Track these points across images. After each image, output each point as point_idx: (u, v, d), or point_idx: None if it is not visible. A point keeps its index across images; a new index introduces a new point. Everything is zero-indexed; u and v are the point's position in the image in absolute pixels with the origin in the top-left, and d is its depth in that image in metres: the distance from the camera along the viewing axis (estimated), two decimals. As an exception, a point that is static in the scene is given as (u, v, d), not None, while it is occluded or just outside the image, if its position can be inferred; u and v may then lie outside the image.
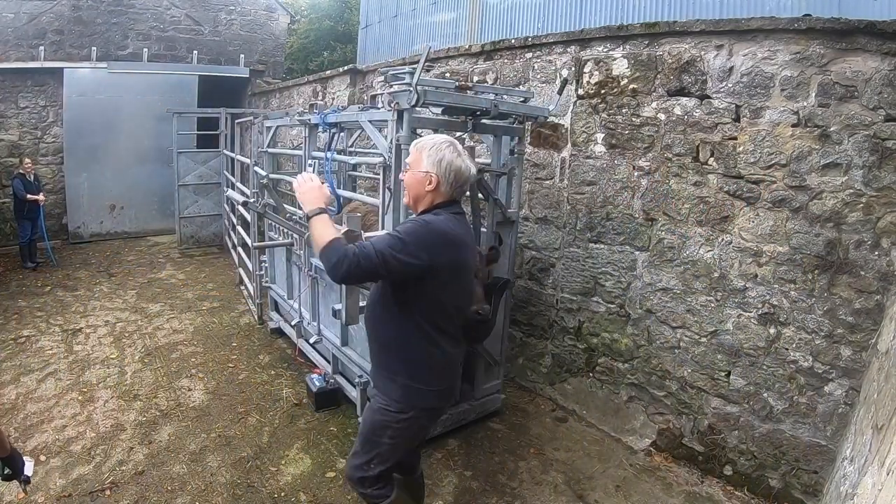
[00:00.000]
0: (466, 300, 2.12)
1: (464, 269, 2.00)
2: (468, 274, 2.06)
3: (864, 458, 1.95)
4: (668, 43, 3.33)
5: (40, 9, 8.96)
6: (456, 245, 1.92)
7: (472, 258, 2.06)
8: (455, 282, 1.96)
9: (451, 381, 2.11)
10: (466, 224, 2.08)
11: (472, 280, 2.14)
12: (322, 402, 3.71)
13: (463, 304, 2.08)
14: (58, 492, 2.80)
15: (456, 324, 2.06)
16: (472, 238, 2.15)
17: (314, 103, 7.51)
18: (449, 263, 1.89)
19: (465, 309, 2.11)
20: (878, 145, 2.60)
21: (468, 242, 2.03)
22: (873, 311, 2.66)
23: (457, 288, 1.99)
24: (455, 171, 1.92)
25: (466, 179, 1.97)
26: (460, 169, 1.93)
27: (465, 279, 2.05)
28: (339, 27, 14.02)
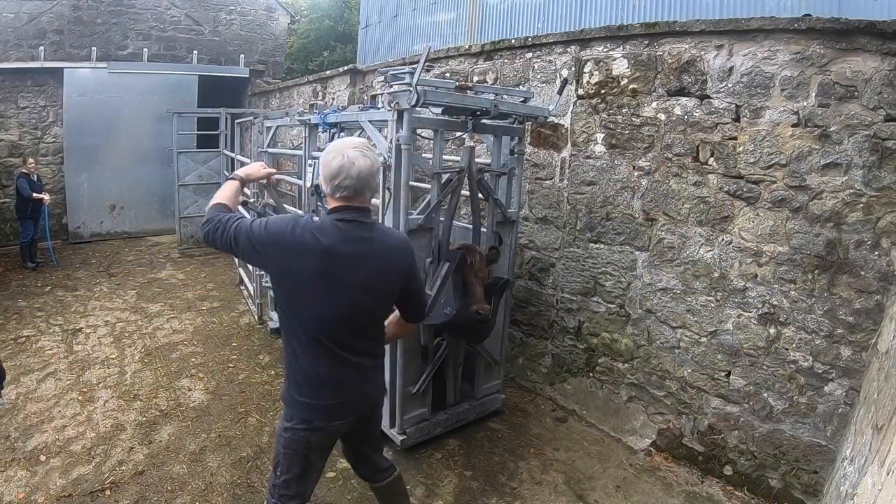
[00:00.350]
0: (331, 313, 1.80)
1: (307, 278, 1.76)
2: (318, 284, 1.76)
3: (864, 458, 1.95)
4: (668, 43, 3.33)
5: (40, 9, 8.96)
6: (292, 253, 1.74)
7: (321, 268, 1.75)
8: (304, 289, 1.78)
9: (324, 398, 1.87)
10: (347, 232, 1.78)
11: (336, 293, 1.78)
12: (322, 402, 3.71)
13: (328, 315, 1.80)
14: (58, 492, 2.80)
15: (326, 339, 1.82)
16: (347, 244, 1.78)
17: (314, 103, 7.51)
18: (283, 268, 1.78)
19: (334, 322, 1.81)
20: (878, 145, 2.60)
21: (313, 249, 1.74)
22: (873, 311, 2.66)
23: (310, 298, 1.78)
24: (331, 171, 1.75)
25: (346, 175, 1.73)
26: (331, 164, 1.75)
27: (318, 289, 1.77)
28: (339, 27, 14.02)
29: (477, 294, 3.00)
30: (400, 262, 1.94)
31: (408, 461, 3.18)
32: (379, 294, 1.90)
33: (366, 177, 1.77)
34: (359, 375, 1.95)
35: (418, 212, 3.01)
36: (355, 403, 1.97)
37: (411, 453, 3.26)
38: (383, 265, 1.88)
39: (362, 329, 1.91)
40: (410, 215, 2.93)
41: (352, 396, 1.93)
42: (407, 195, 2.88)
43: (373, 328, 1.97)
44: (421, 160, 3.03)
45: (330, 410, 1.91)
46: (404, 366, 3.11)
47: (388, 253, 1.90)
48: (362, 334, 1.92)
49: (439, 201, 3.02)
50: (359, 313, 1.86)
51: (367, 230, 1.84)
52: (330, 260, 1.76)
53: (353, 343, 1.89)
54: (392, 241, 1.96)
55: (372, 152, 1.83)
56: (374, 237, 1.87)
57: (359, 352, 1.92)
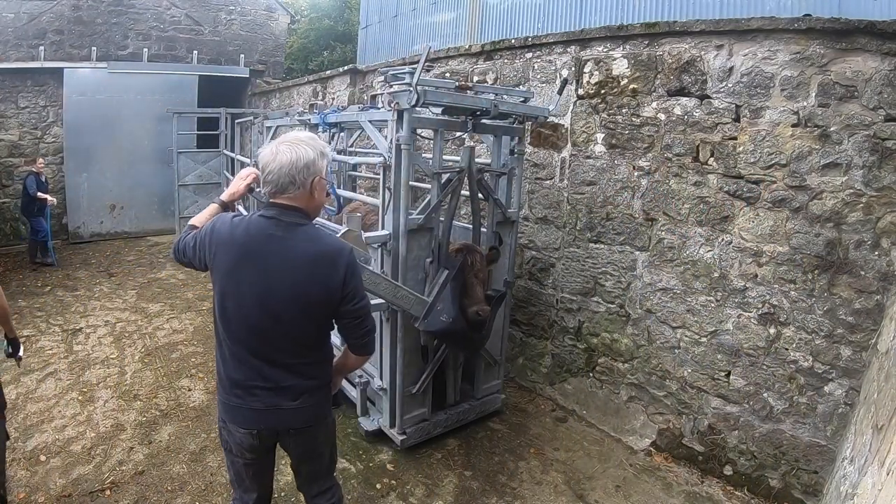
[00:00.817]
0: (238, 312, 1.72)
1: (221, 273, 1.73)
2: (228, 281, 1.72)
3: (864, 458, 1.95)
4: (668, 43, 3.33)
5: (40, 9, 8.96)
6: (215, 244, 1.73)
7: (230, 264, 1.71)
8: (219, 284, 1.74)
9: (232, 400, 1.79)
10: (263, 229, 1.70)
11: (241, 293, 1.71)
12: (322, 402, 3.70)
13: (235, 315, 1.72)
14: (58, 492, 2.80)
15: (234, 340, 1.75)
16: (258, 241, 1.70)
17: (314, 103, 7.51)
18: (210, 261, 1.76)
19: (241, 323, 1.73)
20: (878, 145, 2.60)
21: (227, 244, 1.71)
22: (873, 311, 2.66)
23: (224, 293, 1.73)
24: (260, 165, 1.70)
25: (269, 169, 1.67)
26: (260, 158, 1.71)
27: (228, 286, 1.72)
28: (339, 27, 14.01)
29: (477, 295, 3.00)
30: (322, 275, 1.70)
31: (408, 461, 3.19)
32: (290, 304, 1.70)
33: (288, 171, 1.64)
34: (271, 389, 1.76)
35: (418, 212, 3.01)
36: (263, 417, 1.78)
37: (411, 453, 3.26)
38: (297, 274, 1.69)
39: (275, 340, 1.73)
40: (410, 215, 2.93)
41: (257, 407, 1.76)
42: (407, 195, 2.88)
43: (291, 343, 1.75)
44: (421, 160, 3.03)
45: (236, 413, 1.80)
46: (404, 366, 3.11)
47: (304, 263, 1.69)
48: (278, 346, 1.74)
49: (439, 201, 3.02)
50: (267, 321, 1.70)
51: (286, 230, 1.69)
52: (238, 256, 1.69)
53: (267, 352, 1.74)
54: (318, 248, 1.72)
55: (304, 146, 1.68)
56: (293, 240, 1.69)
57: (276, 364, 1.75)
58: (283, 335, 1.73)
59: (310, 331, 1.78)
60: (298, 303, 1.71)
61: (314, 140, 1.75)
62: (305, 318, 1.74)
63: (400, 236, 2.91)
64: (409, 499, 2.90)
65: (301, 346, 1.78)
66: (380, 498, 2.88)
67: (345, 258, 1.75)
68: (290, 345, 1.76)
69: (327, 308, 1.76)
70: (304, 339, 1.78)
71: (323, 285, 1.71)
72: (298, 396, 1.80)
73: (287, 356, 1.76)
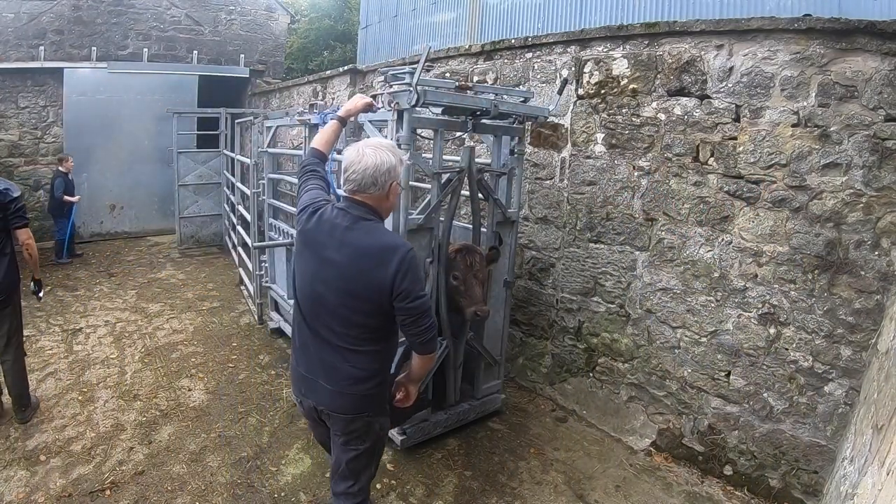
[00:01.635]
0: (307, 289, 1.90)
1: (299, 251, 1.97)
2: (305, 260, 1.92)
3: (864, 458, 1.95)
4: (668, 43, 3.33)
5: (40, 9, 8.96)
6: (300, 225, 1.96)
7: (305, 245, 1.91)
8: (297, 261, 1.98)
9: (300, 365, 1.97)
10: (337, 221, 1.86)
11: (313, 273, 1.89)
12: (322, 402, 3.70)
13: (306, 291, 1.90)
14: (58, 492, 2.80)
15: (305, 311, 1.93)
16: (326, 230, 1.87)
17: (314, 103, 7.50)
18: (300, 237, 1.96)
19: (309, 299, 1.90)
20: (878, 145, 2.60)
21: (304, 229, 1.92)
22: (873, 311, 2.66)
23: (299, 269, 1.96)
24: (344, 164, 1.89)
25: (353, 169, 1.83)
26: (346, 158, 1.89)
27: (304, 264, 1.92)
28: (339, 26, 14.02)
29: (476, 295, 3.00)
30: (372, 270, 1.79)
31: (408, 461, 3.19)
32: (341, 291, 1.82)
33: (372, 174, 1.80)
34: (328, 365, 1.88)
35: (418, 212, 3.01)
36: (315, 388, 1.92)
37: (411, 453, 3.26)
38: (351, 265, 1.81)
39: (327, 321, 1.87)
40: (410, 215, 2.93)
41: (312, 376, 1.92)
42: (407, 195, 2.88)
43: (340, 327, 1.85)
44: (421, 160, 3.03)
45: (298, 379, 2.00)
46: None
47: (361, 255, 1.81)
48: (330, 327, 1.87)
49: (439, 201, 3.02)
50: (320, 302, 1.87)
51: (351, 222, 1.84)
52: (312, 241, 1.89)
53: (319, 330, 1.89)
54: (371, 243, 1.82)
55: (387, 152, 1.85)
56: (355, 232, 1.83)
57: (326, 343, 1.88)
58: (332, 318, 1.86)
59: (357, 320, 1.85)
60: (348, 291, 1.82)
61: (395, 147, 1.94)
62: (354, 306, 1.84)
63: (400, 236, 2.91)
64: (410, 499, 2.90)
65: (349, 332, 1.86)
66: (380, 498, 2.88)
67: (399, 256, 1.80)
68: (339, 328, 1.86)
69: (377, 302, 1.82)
70: (353, 327, 1.85)
71: (372, 278, 1.80)
72: (340, 381, 1.87)
73: (335, 338, 1.87)
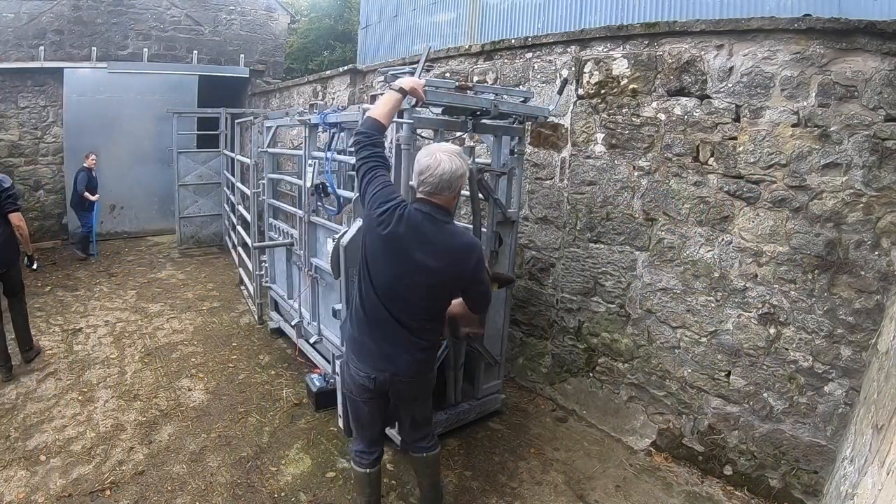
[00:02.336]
0: (386, 280, 2.14)
1: (376, 247, 2.12)
2: (384, 254, 2.11)
3: (864, 458, 1.95)
4: (668, 43, 3.33)
5: (40, 9, 8.96)
6: (375, 223, 2.09)
7: (387, 243, 2.08)
8: (374, 256, 2.14)
9: (373, 348, 2.25)
10: (418, 221, 2.07)
11: (394, 267, 2.11)
12: (322, 402, 3.71)
13: (384, 282, 2.14)
14: (58, 492, 2.80)
15: (383, 301, 2.15)
16: (420, 239, 2.08)
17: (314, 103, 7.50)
18: (367, 231, 2.15)
19: (388, 289, 2.14)
20: (878, 145, 2.60)
21: (388, 227, 2.06)
22: (873, 311, 2.66)
23: (377, 263, 2.14)
24: (419, 168, 2.08)
25: (430, 173, 2.04)
26: (421, 162, 2.07)
27: (384, 258, 2.12)
28: (339, 26, 14.01)
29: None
30: (455, 266, 2.12)
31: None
32: (431, 287, 2.13)
33: (448, 178, 2.04)
34: (405, 341, 2.18)
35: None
36: (394, 360, 2.20)
37: (411, 453, 3.25)
38: (436, 263, 2.07)
39: (409, 307, 2.15)
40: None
41: (392, 350, 2.20)
42: (407, 195, 2.88)
43: (421, 311, 2.17)
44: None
45: (373, 356, 2.21)
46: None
47: (446, 254, 2.09)
48: (410, 312, 2.16)
49: (439, 201, 3.02)
50: (412, 294, 2.12)
51: (435, 225, 2.08)
52: (398, 241, 2.06)
53: (408, 312, 2.16)
54: (454, 244, 2.12)
55: (460, 158, 2.09)
56: (438, 235, 2.08)
57: (410, 325, 2.17)
58: (411, 305, 2.15)
59: (431, 305, 2.20)
60: (433, 285, 2.12)
61: (462, 154, 2.16)
62: (435, 296, 2.18)
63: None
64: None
65: (423, 314, 2.19)
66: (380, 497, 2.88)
67: (476, 253, 2.18)
68: (415, 312, 2.17)
69: (453, 291, 2.23)
70: (426, 310, 2.20)
71: (455, 274, 2.14)
72: (414, 352, 2.21)
73: (411, 320, 2.17)
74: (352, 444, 2.55)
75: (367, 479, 2.48)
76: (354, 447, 2.50)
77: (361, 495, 2.52)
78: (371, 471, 2.47)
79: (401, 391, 2.30)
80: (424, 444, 2.53)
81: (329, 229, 3.78)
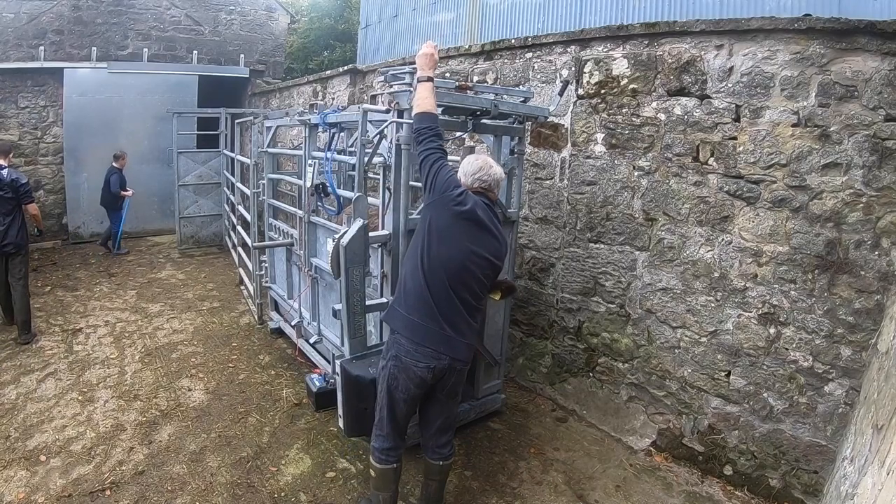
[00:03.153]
0: (458, 255, 2.28)
1: (463, 229, 2.30)
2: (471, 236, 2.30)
3: (865, 457, 1.95)
4: (668, 43, 3.33)
5: (40, 9, 8.96)
6: (448, 205, 2.30)
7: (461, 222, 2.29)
8: (455, 234, 2.30)
9: (437, 332, 2.33)
10: (484, 207, 2.37)
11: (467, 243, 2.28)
12: (322, 402, 3.71)
13: (455, 256, 2.28)
14: (58, 492, 2.80)
15: (447, 277, 2.28)
16: (487, 221, 2.35)
17: (314, 103, 7.51)
18: (459, 215, 2.31)
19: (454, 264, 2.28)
20: (878, 145, 2.60)
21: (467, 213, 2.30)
22: (873, 311, 2.66)
23: (454, 241, 2.29)
24: (473, 168, 2.45)
25: (486, 172, 2.44)
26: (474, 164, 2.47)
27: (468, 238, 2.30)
28: (339, 26, 14.00)
29: None
30: (505, 248, 2.45)
31: (408, 461, 3.17)
32: (489, 265, 2.34)
33: (497, 178, 2.46)
34: (465, 323, 2.30)
35: (418, 212, 3.00)
36: (454, 346, 2.28)
37: (411, 453, 3.25)
38: (497, 243, 2.37)
39: (472, 287, 2.30)
40: (410, 215, 2.93)
41: (455, 335, 2.28)
42: (407, 195, 2.88)
43: (478, 291, 2.34)
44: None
45: (436, 340, 2.27)
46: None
47: (502, 236, 2.41)
48: (472, 292, 2.31)
49: (439, 201, 3.02)
50: (474, 272, 2.29)
51: (493, 212, 2.41)
52: (471, 217, 2.29)
53: (470, 292, 2.30)
54: (502, 231, 2.44)
55: (499, 164, 2.56)
56: (495, 220, 2.41)
57: (471, 305, 2.33)
58: (478, 282, 2.32)
59: (486, 286, 2.40)
60: (493, 262, 2.36)
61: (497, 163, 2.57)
62: (492, 274, 2.39)
63: (400, 236, 2.91)
64: (410, 499, 2.90)
65: (482, 294, 2.39)
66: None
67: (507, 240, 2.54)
68: (478, 291, 2.35)
69: (497, 269, 2.42)
70: (484, 291, 2.40)
71: (504, 252, 2.45)
72: (470, 336, 2.35)
73: (474, 300, 2.34)
74: (374, 442, 2.50)
75: (394, 474, 2.49)
76: (380, 444, 2.46)
77: (386, 491, 2.51)
78: (398, 465, 2.49)
79: (453, 382, 2.36)
80: (445, 452, 2.54)
81: (329, 229, 3.78)
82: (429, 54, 2.49)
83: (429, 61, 2.49)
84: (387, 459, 2.45)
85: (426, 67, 2.48)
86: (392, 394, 2.36)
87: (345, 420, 2.70)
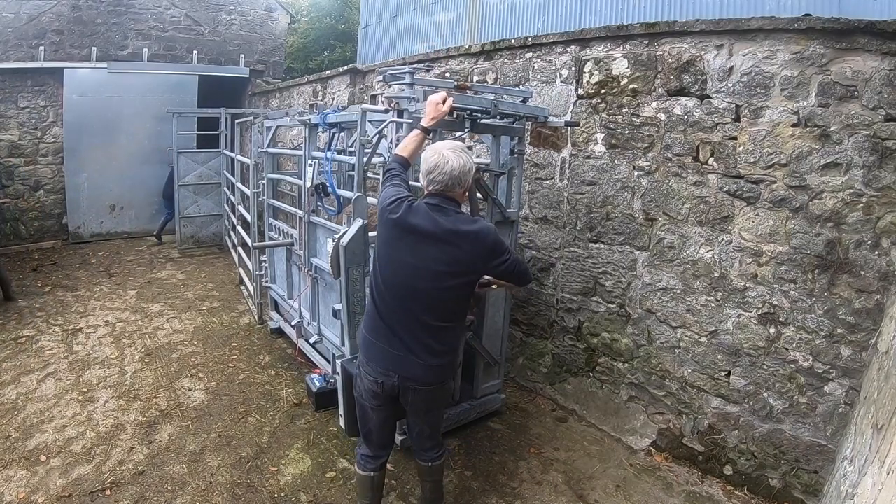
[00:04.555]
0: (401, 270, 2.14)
1: (401, 239, 2.13)
2: (397, 248, 2.14)
3: (864, 457, 1.95)
4: (668, 43, 3.33)
5: (40, 9, 8.95)
6: (389, 218, 2.14)
7: (400, 235, 2.12)
8: (387, 249, 2.17)
9: (380, 340, 2.23)
10: (430, 214, 2.11)
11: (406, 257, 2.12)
12: (322, 402, 3.71)
13: (396, 271, 2.14)
14: (58, 492, 2.80)
15: (389, 293, 2.16)
16: (429, 226, 2.11)
17: (314, 103, 7.51)
18: (381, 228, 2.21)
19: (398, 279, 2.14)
20: (878, 145, 2.60)
21: (401, 221, 2.11)
22: (873, 311, 2.66)
23: (387, 257, 2.16)
24: (427, 167, 2.13)
25: (440, 171, 2.10)
26: (428, 161, 2.13)
27: (395, 251, 2.14)
28: (339, 26, 14.01)
29: None
30: (468, 253, 2.10)
31: (408, 461, 3.18)
32: (442, 275, 2.09)
33: (457, 175, 2.11)
34: (420, 342, 2.14)
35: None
36: (391, 361, 2.17)
37: (411, 453, 3.25)
38: (449, 249, 2.08)
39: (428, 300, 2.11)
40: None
41: (403, 353, 2.15)
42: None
43: (440, 305, 2.13)
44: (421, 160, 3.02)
45: (385, 358, 2.17)
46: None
47: (458, 240, 2.09)
48: (431, 307, 2.12)
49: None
50: (422, 285, 2.09)
51: (444, 214, 2.11)
52: (406, 226, 2.09)
53: (424, 308, 2.12)
54: (464, 229, 2.11)
55: (465, 154, 2.14)
56: (448, 222, 2.09)
57: (426, 324, 2.13)
58: (434, 298, 2.12)
59: (453, 300, 2.18)
60: (448, 271, 2.10)
61: (466, 149, 2.19)
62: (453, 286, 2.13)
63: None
64: (409, 499, 2.90)
65: (445, 313, 2.17)
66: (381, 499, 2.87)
67: (490, 236, 2.15)
68: (438, 308, 2.14)
69: (474, 277, 2.20)
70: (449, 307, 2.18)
71: (470, 258, 2.11)
72: (429, 356, 2.16)
73: (433, 319, 2.14)
74: (357, 447, 2.52)
75: (371, 482, 2.45)
76: (360, 450, 2.47)
77: (363, 498, 2.50)
78: (375, 474, 2.45)
79: (412, 399, 2.23)
80: (432, 454, 2.50)
81: (329, 229, 3.78)
82: (437, 103, 2.38)
83: (434, 111, 2.38)
84: (364, 466, 2.44)
85: (428, 116, 2.38)
86: (359, 402, 2.37)
87: (345, 420, 2.70)
